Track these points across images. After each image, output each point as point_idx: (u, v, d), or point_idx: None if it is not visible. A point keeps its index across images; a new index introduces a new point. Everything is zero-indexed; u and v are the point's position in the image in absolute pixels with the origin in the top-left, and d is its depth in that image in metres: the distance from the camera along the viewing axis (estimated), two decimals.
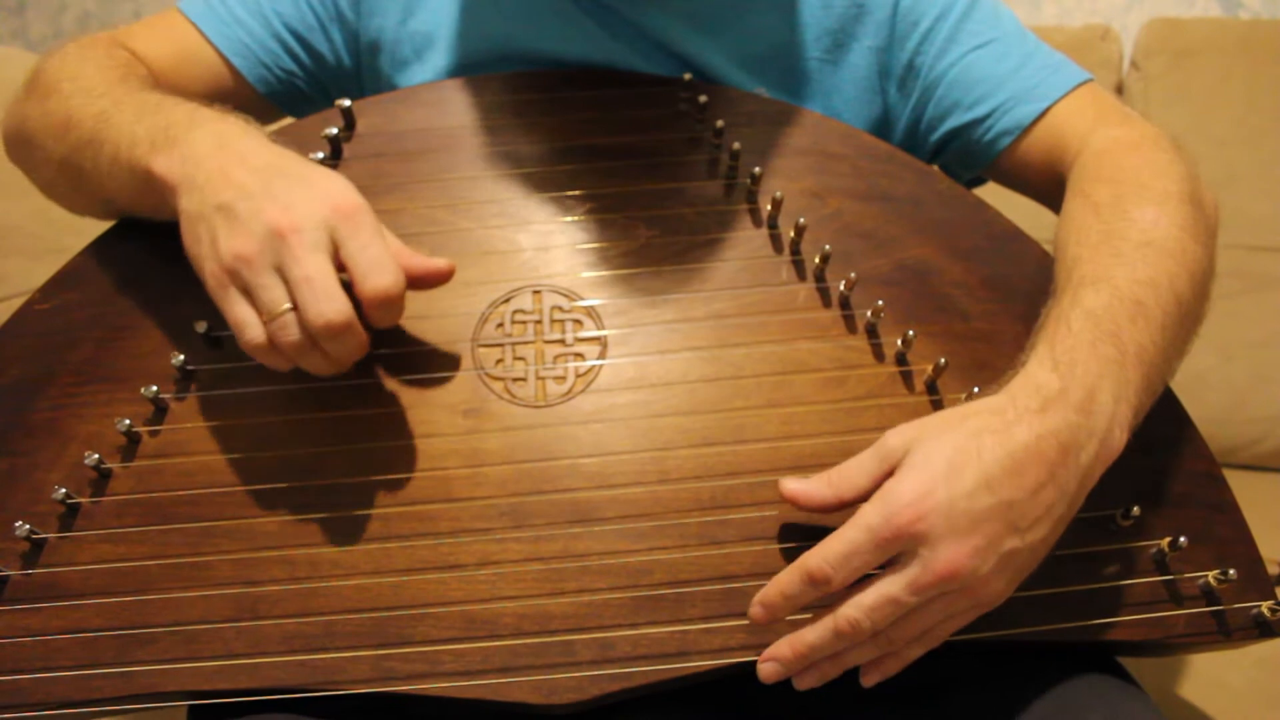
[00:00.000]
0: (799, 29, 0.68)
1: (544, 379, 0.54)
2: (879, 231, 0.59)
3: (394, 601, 0.48)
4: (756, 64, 0.68)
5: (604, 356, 0.55)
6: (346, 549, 0.50)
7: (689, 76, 0.65)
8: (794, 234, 0.58)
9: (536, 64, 0.68)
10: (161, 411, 0.54)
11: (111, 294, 0.57)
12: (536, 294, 0.57)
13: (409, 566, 0.49)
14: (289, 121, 0.68)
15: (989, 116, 0.65)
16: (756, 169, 0.60)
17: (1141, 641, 0.50)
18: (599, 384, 0.54)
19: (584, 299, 0.57)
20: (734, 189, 0.61)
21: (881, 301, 0.55)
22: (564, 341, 0.56)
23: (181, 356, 0.54)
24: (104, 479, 0.52)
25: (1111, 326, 0.47)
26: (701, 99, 0.63)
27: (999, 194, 0.69)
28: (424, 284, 0.53)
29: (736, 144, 0.60)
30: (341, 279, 0.47)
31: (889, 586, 0.43)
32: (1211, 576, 0.49)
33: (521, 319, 0.56)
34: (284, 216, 0.47)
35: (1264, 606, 0.50)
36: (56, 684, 0.47)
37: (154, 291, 0.57)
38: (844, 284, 0.56)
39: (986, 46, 0.66)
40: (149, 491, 0.52)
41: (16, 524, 0.49)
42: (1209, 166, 0.59)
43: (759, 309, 0.56)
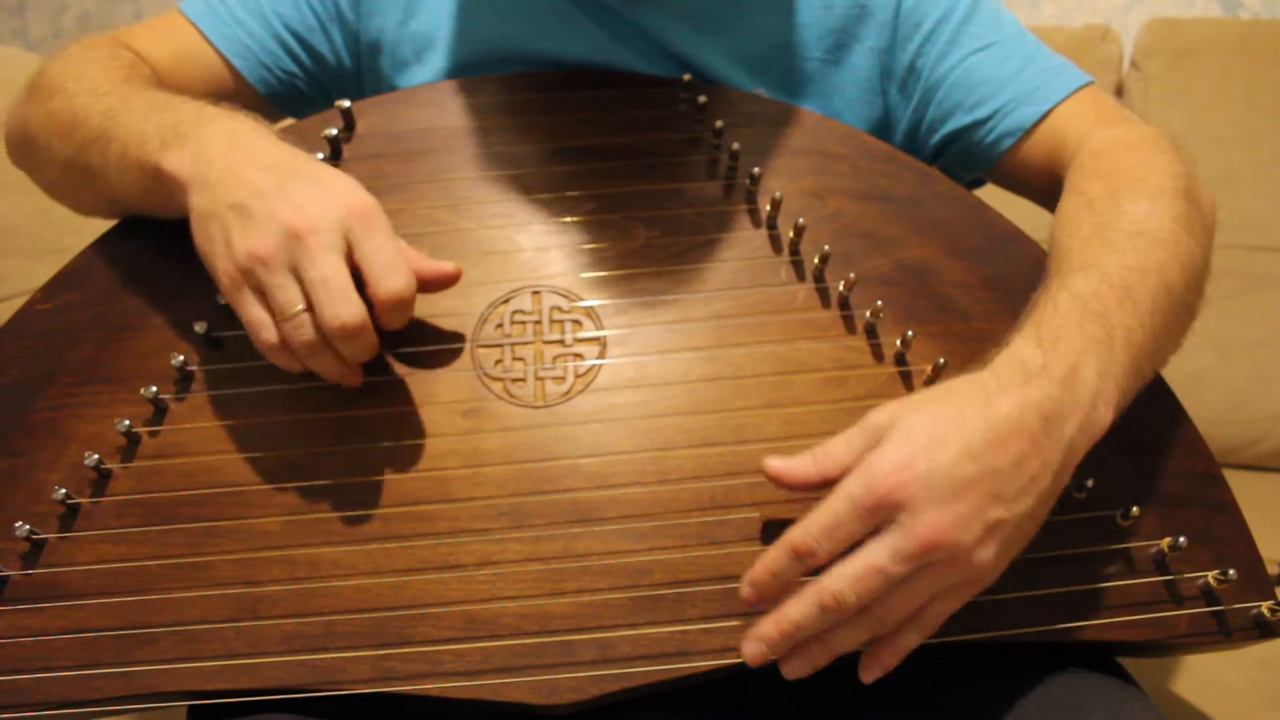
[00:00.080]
0: (799, 29, 0.68)
1: (543, 379, 0.54)
2: (879, 232, 0.59)
3: (394, 601, 0.48)
4: (756, 64, 0.68)
5: (603, 357, 0.55)
6: (346, 549, 0.50)
7: (688, 77, 0.65)
8: (793, 234, 0.58)
9: (536, 65, 0.68)
10: (161, 412, 0.54)
11: (112, 294, 0.57)
12: (536, 294, 0.57)
13: (409, 566, 0.49)
14: (289, 122, 0.68)
15: (990, 119, 0.65)
16: (756, 169, 0.60)
17: (1141, 641, 0.50)
18: (598, 384, 0.54)
19: (583, 299, 0.57)
20: (733, 189, 0.61)
21: (881, 302, 0.55)
22: (563, 342, 0.56)
23: (181, 357, 0.54)
24: (104, 479, 0.52)
25: (1099, 308, 0.47)
26: (701, 99, 0.63)
27: (999, 194, 0.69)
28: (431, 287, 0.53)
29: (736, 144, 0.60)
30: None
31: (872, 555, 0.42)
32: (1211, 577, 0.49)
33: (521, 319, 0.56)
34: (299, 217, 0.47)
35: (1264, 607, 0.50)
36: (56, 684, 0.47)
37: (154, 292, 0.57)
38: (843, 284, 0.56)
39: (988, 49, 0.66)
40: (149, 492, 0.52)
41: (16, 524, 0.49)
42: (1209, 166, 0.59)
43: (758, 309, 0.56)
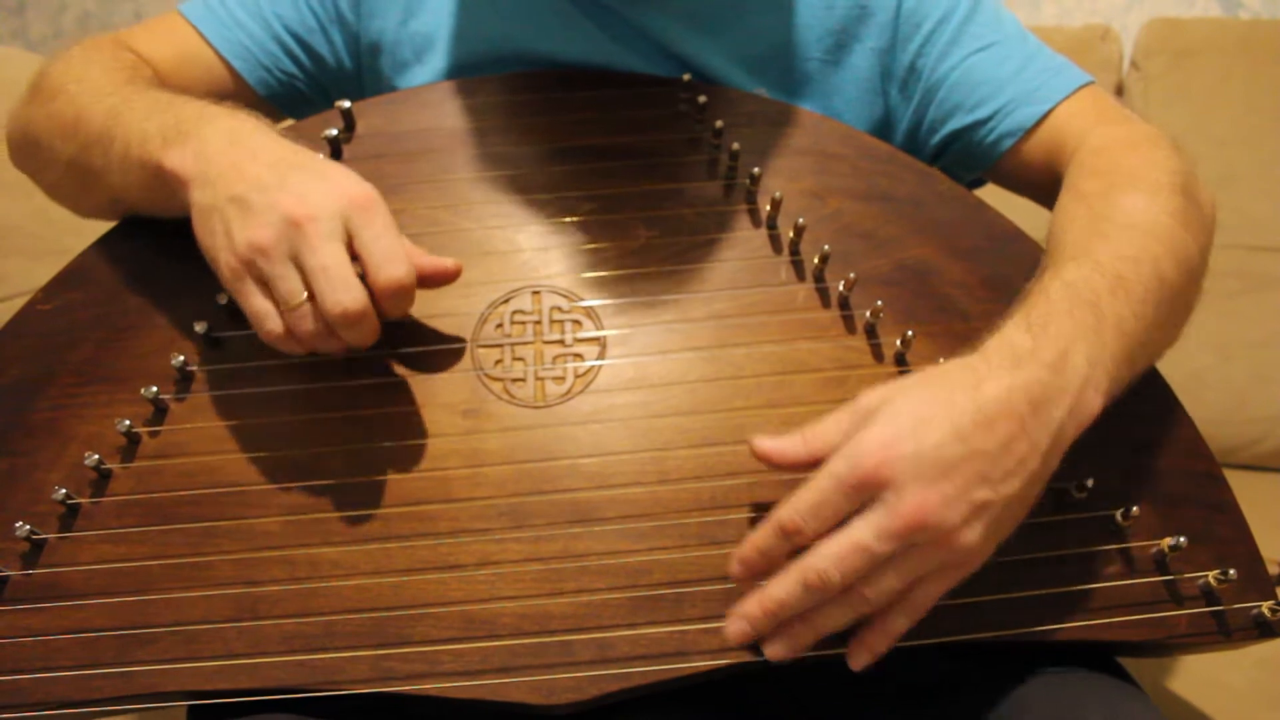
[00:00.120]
0: (799, 29, 0.68)
1: (543, 379, 0.54)
2: (879, 232, 0.59)
3: (393, 601, 0.48)
4: (756, 64, 0.68)
5: (603, 357, 0.55)
6: (346, 549, 0.50)
7: (688, 77, 0.65)
8: (793, 234, 0.58)
9: (535, 65, 0.68)
10: (162, 412, 0.54)
11: (113, 294, 0.57)
12: (536, 294, 0.57)
13: (408, 567, 0.49)
14: (289, 123, 0.68)
15: (991, 119, 0.65)
16: (756, 169, 0.60)
17: (1142, 641, 0.50)
18: (598, 384, 0.54)
19: (583, 299, 0.57)
20: (733, 189, 0.61)
21: (881, 301, 0.55)
22: (563, 342, 0.56)
23: (182, 357, 0.54)
24: (104, 479, 0.52)
25: (1090, 296, 0.47)
26: (701, 99, 0.63)
27: (999, 194, 0.69)
28: (431, 283, 0.53)
29: (736, 144, 0.60)
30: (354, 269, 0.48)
31: (856, 532, 0.42)
32: (1211, 576, 0.49)
33: (521, 319, 0.56)
34: (299, 206, 0.47)
35: (1264, 606, 0.49)
36: (57, 684, 0.47)
37: (155, 292, 0.57)
38: (843, 284, 0.56)
39: (988, 49, 0.66)
40: (149, 492, 0.52)
41: (17, 524, 0.49)
42: (1209, 166, 0.59)
43: (758, 309, 0.56)
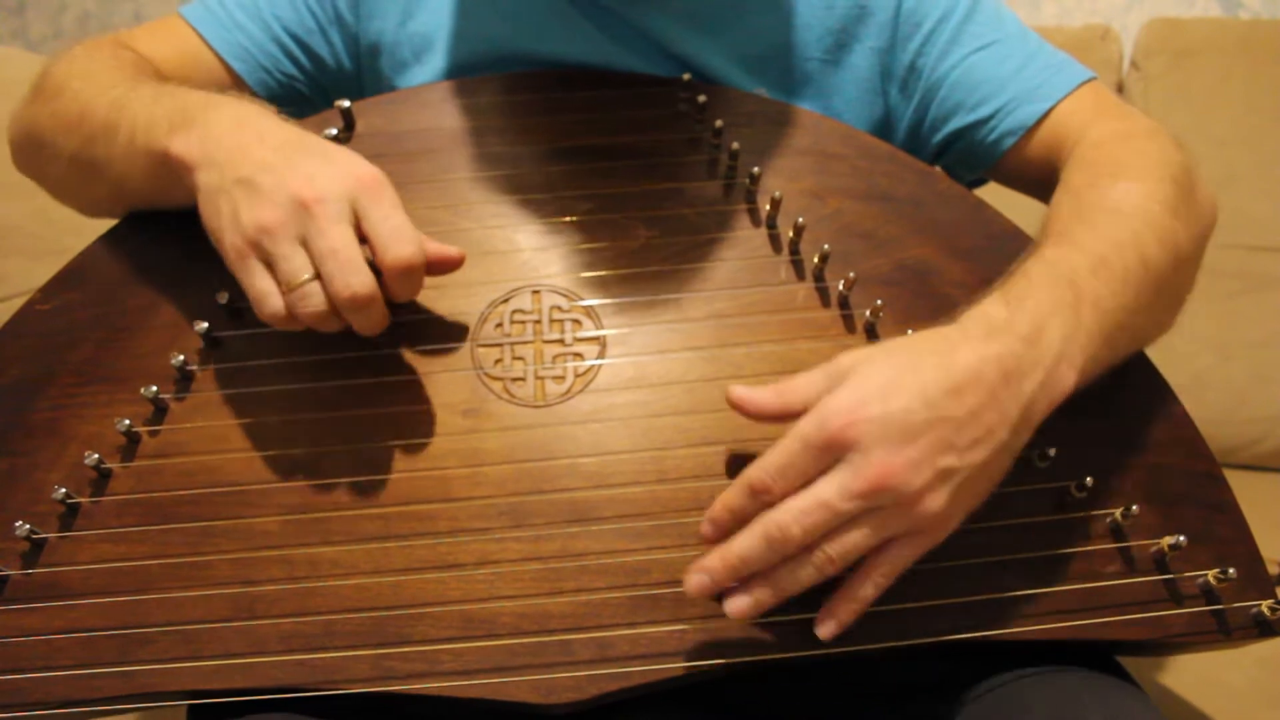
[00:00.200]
0: (799, 29, 0.68)
1: (543, 379, 0.54)
2: (878, 231, 0.59)
3: (393, 601, 0.48)
4: (756, 64, 0.68)
5: (603, 356, 0.55)
6: (345, 548, 0.50)
7: (688, 77, 0.65)
8: (793, 234, 0.58)
9: (535, 65, 0.68)
10: (161, 411, 0.54)
11: (112, 294, 0.57)
12: (536, 294, 0.57)
13: (408, 566, 0.49)
14: None
15: (992, 118, 0.65)
16: (755, 169, 0.60)
17: (1142, 641, 0.50)
18: (598, 384, 0.54)
19: (583, 299, 0.57)
20: (733, 189, 0.61)
21: (881, 301, 0.55)
22: (563, 341, 0.56)
23: (182, 357, 0.54)
24: (104, 479, 0.52)
25: (1069, 274, 0.47)
26: (700, 99, 0.63)
27: (999, 194, 0.69)
28: (436, 270, 0.53)
29: (735, 144, 0.60)
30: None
31: (819, 489, 0.42)
32: (1211, 576, 0.49)
33: (521, 319, 0.56)
34: (307, 187, 0.47)
35: (1264, 606, 0.49)
36: (56, 683, 0.47)
37: (155, 292, 0.57)
38: (843, 284, 0.56)
39: (989, 48, 0.66)
40: (149, 491, 0.52)
41: (16, 524, 0.49)
42: (1209, 166, 0.59)
43: (758, 308, 0.56)
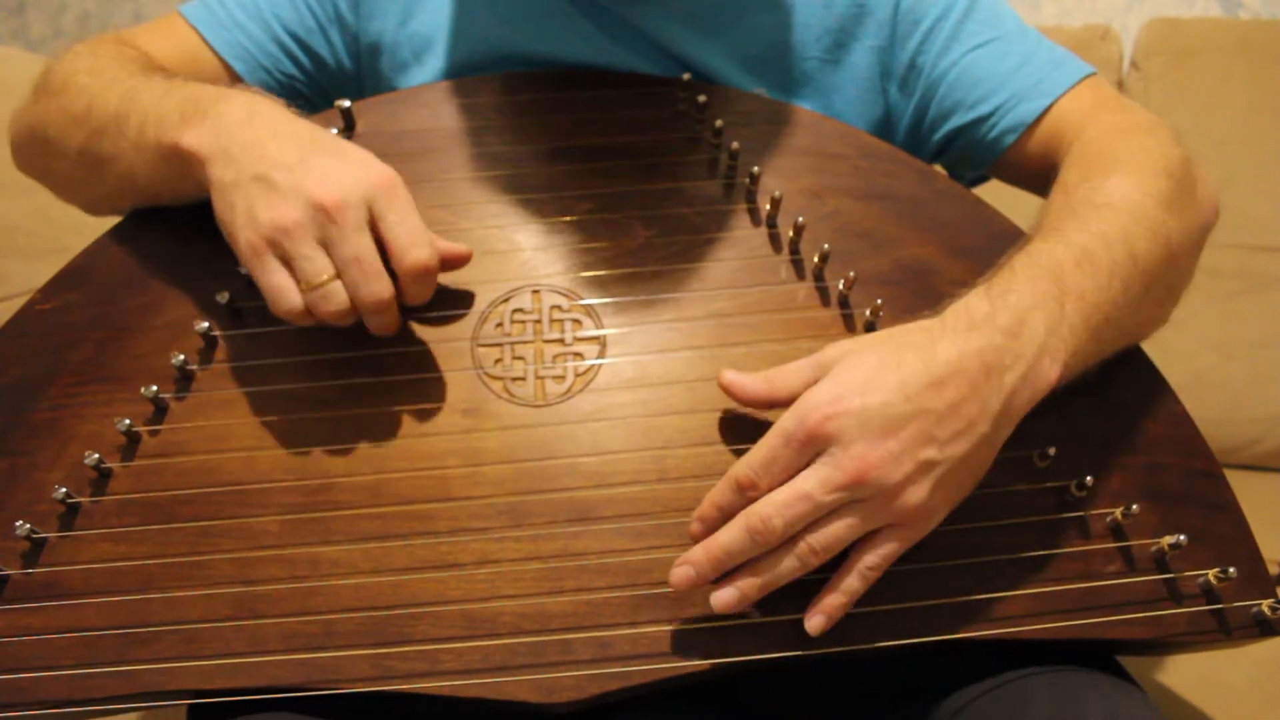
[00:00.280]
0: (798, 29, 0.68)
1: (543, 378, 0.54)
2: (878, 231, 0.59)
3: (393, 600, 0.48)
4: (755, 64, 0.68)
5: (603, 356, 0.55)
6: (346, 548, 0.50)
7: (688, 77, 0.65)
8: (793, 233, 0.58)
9: (535, 66, 0.68)
10: (162, 411, 0.54)
11: (112, 294, 0.57)
12: (536, 293, 0.57)
13: (408, 565, 0.49)
14: None
15: (992, 115, 0.65)
16: (755, 168, 0.60)
17: (1142, 640, 0.50)
18: (598, 383, 0.54)
19: (583, 298, 0.57)
20: (733, 188, 0.61)
21: (881, 300, 0.55)
22: (563, 341, 0.56)
23: (182, 356, 0.54)
24: (104, 479, 0.52)
25: (1053, 267, 0.47)
26: (700, 99, 0.63)
27: (999, 194, 0.69)
28: (445, 267, 0.54)
29: (735, 143, 0.60)
30: None
31: (800, 481, 0.43)
32: (1212, 575, 0.49)
33: (521, 318, 0.56)
34: (324, 190, 0.47)
35: (1264, 605, 0.49)
36: (57, 683, 0.47)
37: (155, 291, 0.57)
38: (843, 283, 0.56)
39: (988, 45, 0.66)
40: (149, 491, 0.52)
41: (17, 523, 0.49)
42: (1209, 166, 0.59)
43: (758, 308, 0.56)
